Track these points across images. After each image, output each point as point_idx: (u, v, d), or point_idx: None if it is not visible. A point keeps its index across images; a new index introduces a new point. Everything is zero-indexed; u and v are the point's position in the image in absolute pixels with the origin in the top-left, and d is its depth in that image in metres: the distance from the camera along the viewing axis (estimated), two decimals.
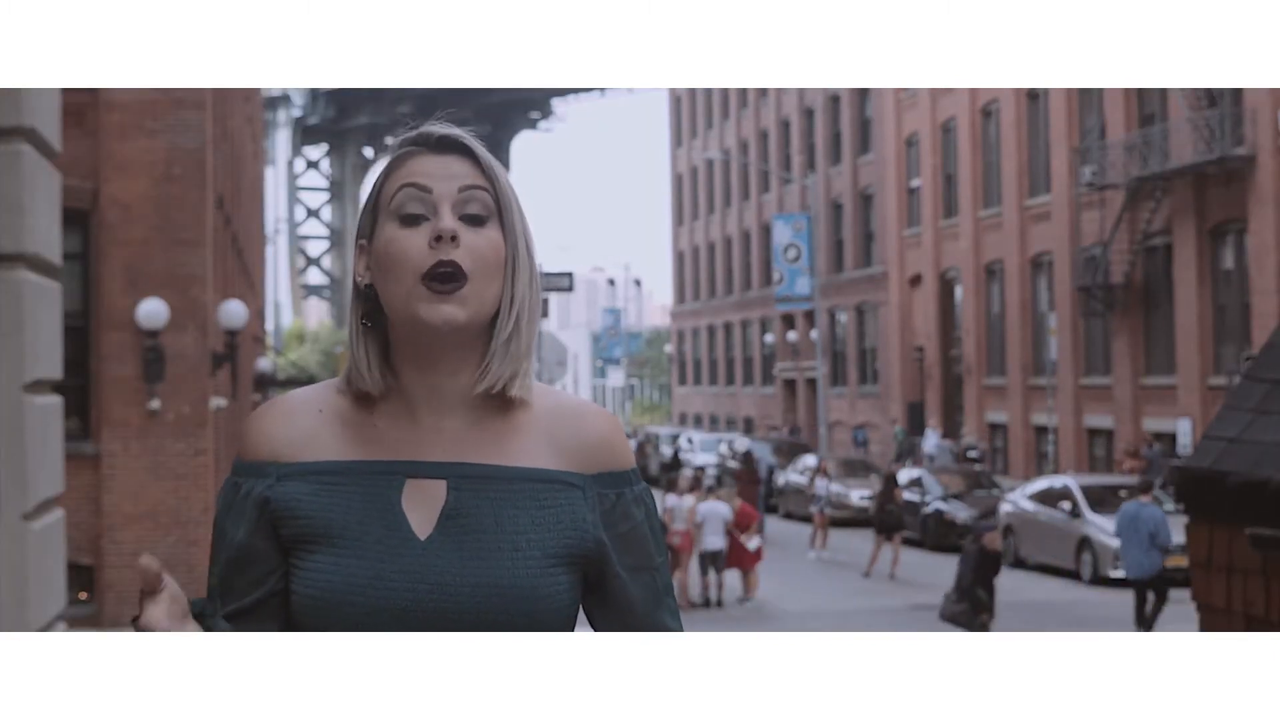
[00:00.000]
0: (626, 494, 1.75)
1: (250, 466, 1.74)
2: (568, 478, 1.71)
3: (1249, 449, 4.95)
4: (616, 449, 1.76)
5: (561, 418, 1.75)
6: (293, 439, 1.73)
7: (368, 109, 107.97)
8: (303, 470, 1.71)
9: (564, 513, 1.70)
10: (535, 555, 1.67)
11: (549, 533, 1.68)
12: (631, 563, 1.74)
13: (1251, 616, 4.84)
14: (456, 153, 1.72)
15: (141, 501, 14.61)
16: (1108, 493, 22.94)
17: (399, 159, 1.74)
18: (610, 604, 1.75)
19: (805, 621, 17.56)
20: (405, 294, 1.67)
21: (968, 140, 37.20)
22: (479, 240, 1.68)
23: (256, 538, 1.71)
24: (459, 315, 1.66)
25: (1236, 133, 26.49)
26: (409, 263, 1.67)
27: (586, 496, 1.72)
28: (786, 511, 31.22)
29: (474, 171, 1.71)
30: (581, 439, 1.74)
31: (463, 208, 1.69)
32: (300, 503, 1.69)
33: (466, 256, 1.67)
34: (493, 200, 1.71)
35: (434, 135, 1.73)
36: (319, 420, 1.74)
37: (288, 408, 1.76)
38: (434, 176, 1.70)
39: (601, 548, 1.71)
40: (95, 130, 14.51)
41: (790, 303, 44.59)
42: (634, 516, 1.75)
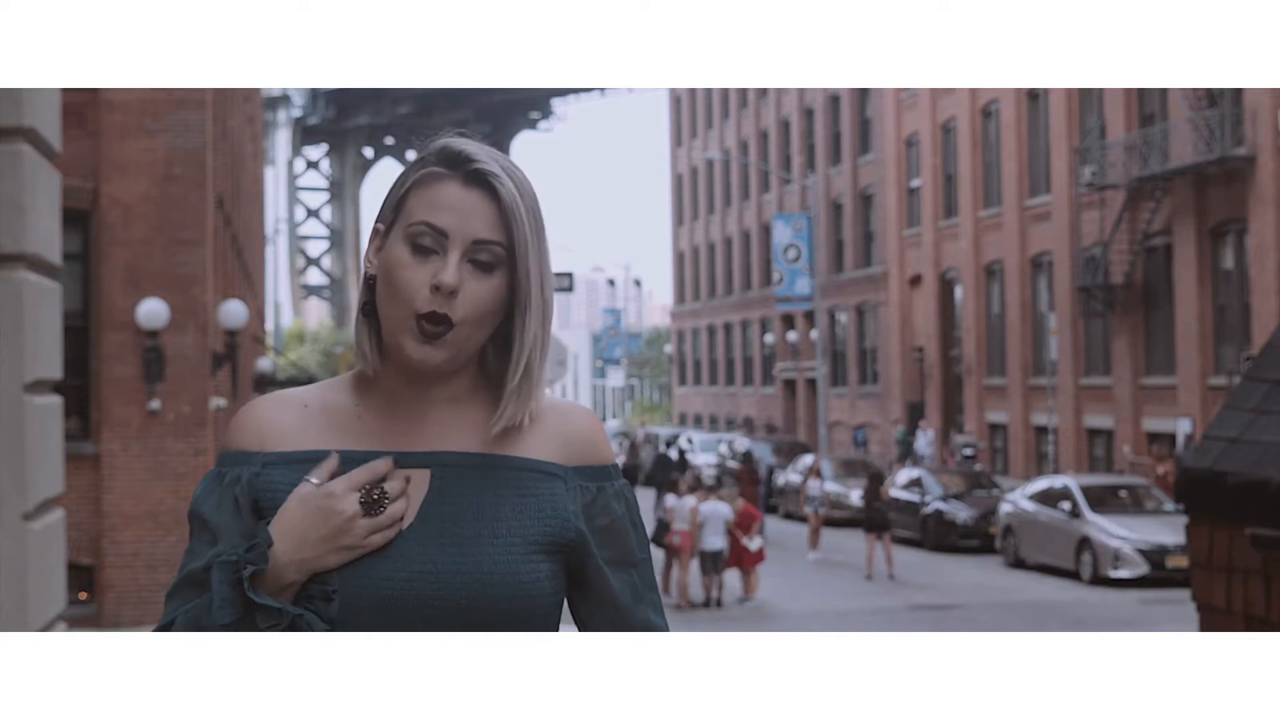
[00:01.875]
0: (607, 488, 1.76)
1: (233, 456, 1.74)
2: (549, 467, 1.73)
3: (1249, 449, 4.96)
4: (598, 444, 1.77)
5: (547, 412, 1.76)
6: (277, 430, 1.74)
7: (368, 109, 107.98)
8: (286, 459, 1.72)
9: (545, 501, 1.71)
10: (516, 542, 1.68)
11: (530, 520, 1.69)
12: (612, 556, 1.75)
13: (1251, 616, 4.84)
14: (484, 189, 1.70)
15: (141, 501, 14.61)
16: (1108, 493, 22.94)
17: (429, 177, 1.71)
18: (592, 596, 1.75)
19: (805, 621, 17.55)
20: (397, 321, 1.69)
21: (968, 140, 37.20)
22: (481, 290, 1.69)
23: (238, 521, 1.70)
24: (435, 357, 1.68)
25: (1236, 133, 26.49)
26: (407, 298, 1.68)
27: (568, 487, 1.73)
28: (786, 511, 31.24)
29: (494, 218, 1.69)
30: (563, 432, 1.76)
31: (474, 253, 1.69)
32: (282, 491, 1.69)
33: (462, 307, 1.67)
34: (506, 252, 1.69)
35: (467, 168, 1.70)
36: (304, 414, 1.76)
37: (271, 402, 1.78)
38: (454, 216, 1.69)
39: (582, 538, 1.72)
40: (95, 130, 14.51)
41: (790, 303, 44.59)
42: (614, 510, 1.76)
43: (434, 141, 1.74)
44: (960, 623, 17.50)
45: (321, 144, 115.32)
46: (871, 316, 43.86)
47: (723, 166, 57.24)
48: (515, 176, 1.71)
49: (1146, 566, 20.54)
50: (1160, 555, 20.55)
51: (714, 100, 58.31)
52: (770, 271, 48.67)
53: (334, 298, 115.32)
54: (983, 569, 22.93)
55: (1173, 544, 20.32)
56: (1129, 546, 20.76)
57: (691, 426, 56.55)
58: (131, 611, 14.37)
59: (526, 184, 1.72)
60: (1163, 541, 20.64)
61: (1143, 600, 19.29)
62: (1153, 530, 21.04)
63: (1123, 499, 22.88)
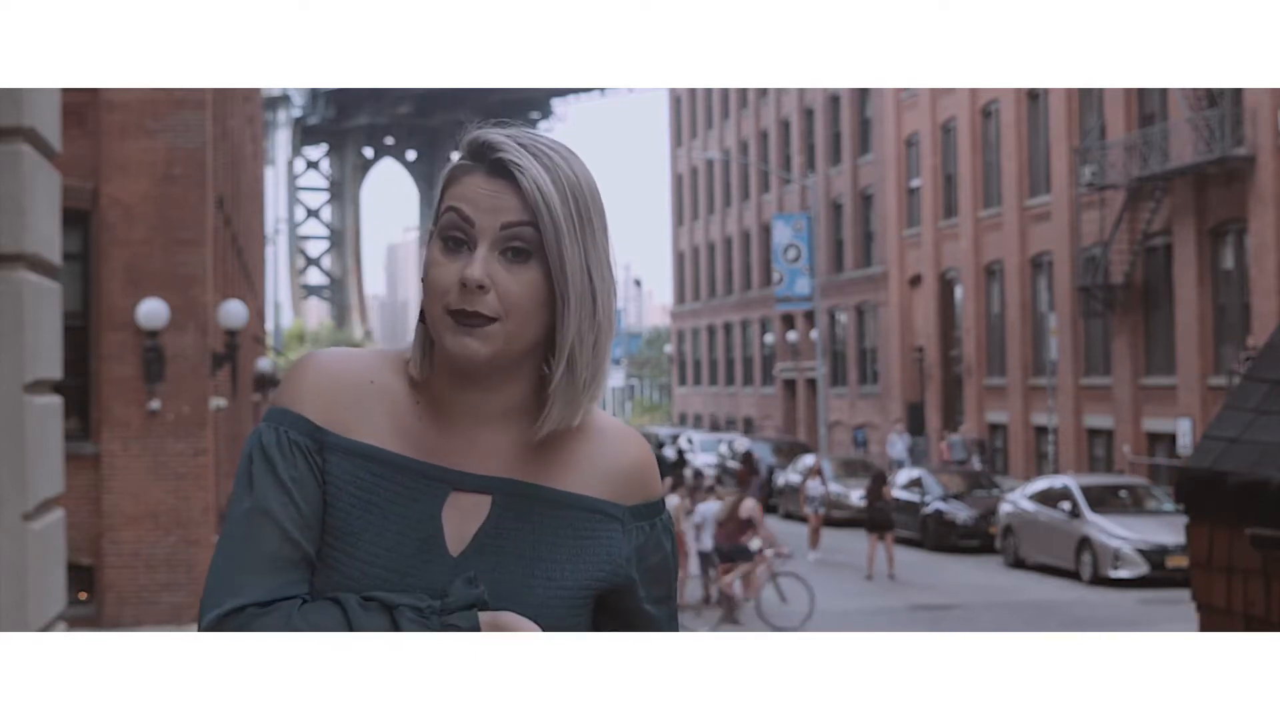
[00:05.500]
0: (658, 524, 1.73)
1: (293, 418, 1.64)
2: (608, 508, 1.68)
3: (1249, 449, 4.96)
4: (652, 477, 1.73)
5: (601, 441, 1.70)
6: (342, 408, 1.65)
7: (368, 109, 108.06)
8: (352, 449, 1.64)
9: (600, 545, 1.67)
10: (567, 587, 1.64)
11: (583, 565, 1.65)
12: (658, 594, 1.73)
13: (1251, 616, 4.84)
14: (508, 178, 1.61)
15: (141, 501, 14.61)
16: (1108, 493, 22.96)
17: (458, 170, 1.66)
18: (625, 625, 1.72)
19: (805, 621, 17.55)
20: (435, 319, 1.62)
21: (968, 140, 37.20)
22: (515, 284, 1.60)
23: (312, 485, 1.61)
24: (482, 351, 1.60)
25: (1236, 133, 26.49)
26: (439, 293, 1.61)
27: (625, 530, 1.69)
28: (786, 511, 31.24)
29: (521, 204, 1.61)
30: (621, 465, 1.70)
31: (506, 243, 1.61)
32: (343, 490, 1.62)
33: (496, 303, 1.59)
34: (538, 236, 1.61)
35: (490, 157, 1.63)
36: (369, 392, 1.66)
37: (339, 368, 1.67)
38: (480, 207, 1.61)
39: (630, 583, 1.69)
40: (95, 130, 14.51)
41: (790, 303, 44.60)
42: (664, 547, 1.73)
43: (468, 134, 1.67)
44: (960, 623, 17.51)
45: (321, 144, 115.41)
46: (871, 316, 43.86)
47: (723, 166, 57.23)
48: (548, 161, 1.62)
49: (1146, 566, 20.56)
50: (1160, 555, 20.56)
51: (714, 100, 58.31)
52: (770, 271, 48.66)
53: (334, 298, 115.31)
54: (983, 569, 22.94)
55: (1173, 544, 20.33)
56: (1129, 546, 20.77)
57: (691, 426, 56.54)
58: (131, 611, 14.37)
59: (564, 169, 1.63)
60: (1163, 541, 20.65)
61: (1143, 600, 19.29)
62: (1153, 530, 21.05)
63: (1123, 499, 22.89)
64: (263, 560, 1.59)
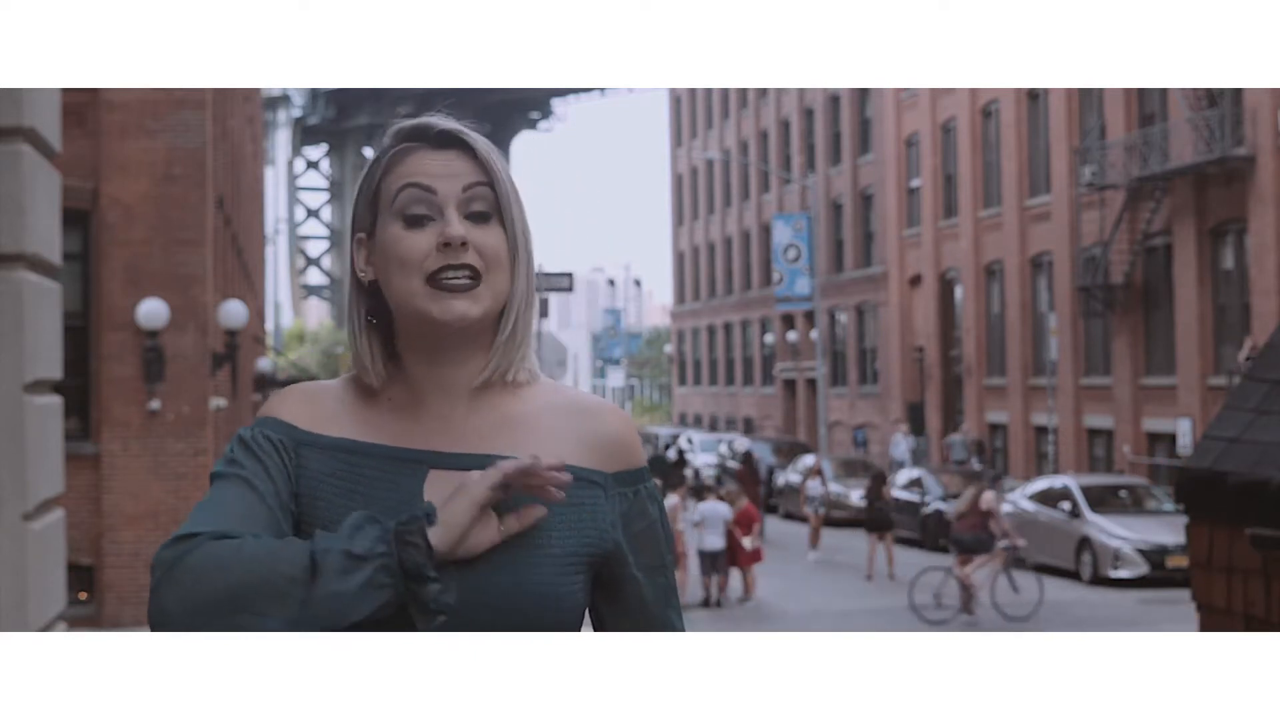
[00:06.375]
0: (641, 491, 1.74)
1: (273, 422, 1.71)
2: (591, 475, 1.70)
3: (1249, 449, 4.95)
4: (633, 446, 1.75)
5: (579, 413, 1.73)
6: (314, 414, 1.72)
7: (368, 109, 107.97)
8: (325, 444, 1.69)
9: (586, 512, 1.68)
10: (558, 554, 1.65)
11: (572, 532, 1.67)
12: (647, 562, 1.74)
13: (1251, 616, 4.84)
14: (456, 148, 1.71)
15: (141, 501, 14.61)
16: (1108, 493, 22.96)
17: (399, 154, 1.72)
18: (622, 603, 1.74)
19: (805, 621, 17.55)
20: (411, 293, 1.66)
21: (968, 140, 37.20)
22: (487, 239, 1.68)
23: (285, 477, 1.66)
24: (472, 311, 1.67)
25: (1236, 133, 26.49)
26: (415, 265, 1.66)
27: (608, 495, 1.71)
28: (786, 511, 31.24)
29: (475, 168, 1.70)
30: (602, 435, 1.73)
31: (467, 206, 1.69)
32: (323, 484, 1.67)
33: (477, 257, 1.67)
34: (494, 196, 1.70)
35: (434, 130, 1.71)
36: (338, 403, 1.73)
37: (308, 390, 1.76)
38: (437, 176, 1.69)
39: (618, 549, 1.71)
40: (95, 130, 14.51)
41: (790, 303, 44.58)
42: (650, 514, 1.75)
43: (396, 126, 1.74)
44: (960, 623, 17.52)
45: (321, 144, 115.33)
46: (871, 316, 43.86)
47: (723, 166, 57.23)
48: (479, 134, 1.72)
49: (1146, 566, 20.56)
50: (1160, 555, 20.56)
51: (714, 100, 58.30)
52: (770, 271, 48.65)
53: (334, 298, 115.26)
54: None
55: (1173, 544, 20.33)
56: (1129, 546, 20.77)
57: (692, 426, 56.53)
58: (131, 612, 14.36)
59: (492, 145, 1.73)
60: (1163, 541, 20.65)
61: (1143, 600, 19.29)
62: (1153, 530, 21.05)
63: (1123, 499, 22.89)
64: (232, 515, 1.62)
